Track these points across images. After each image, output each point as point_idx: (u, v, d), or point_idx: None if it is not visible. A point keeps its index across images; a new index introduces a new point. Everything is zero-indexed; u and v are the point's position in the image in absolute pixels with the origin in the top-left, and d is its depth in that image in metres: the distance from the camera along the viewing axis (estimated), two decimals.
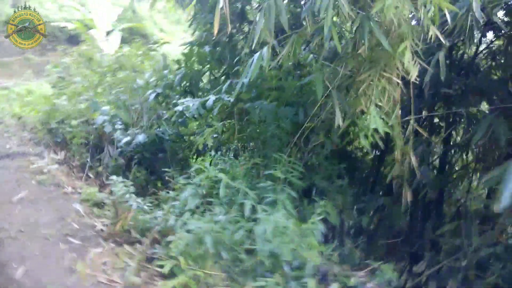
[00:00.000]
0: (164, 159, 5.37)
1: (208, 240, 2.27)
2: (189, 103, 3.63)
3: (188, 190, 2.70)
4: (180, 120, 4.11)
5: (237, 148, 3.83)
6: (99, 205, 3.44)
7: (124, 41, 19.53)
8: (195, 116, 3.63)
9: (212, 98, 3.65)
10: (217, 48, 5.76)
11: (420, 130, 2.80)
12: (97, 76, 7.11)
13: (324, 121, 3.07)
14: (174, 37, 30.27)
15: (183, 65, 5.27)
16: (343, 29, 3.32)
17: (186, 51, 5.61)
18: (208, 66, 5.35)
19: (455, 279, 2.96)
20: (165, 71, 5.20)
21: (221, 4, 2.32)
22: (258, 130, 3.68)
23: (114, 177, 3.24)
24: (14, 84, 13.15)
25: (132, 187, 3.25)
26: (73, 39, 20.47)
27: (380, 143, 2.64)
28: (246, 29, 5.41)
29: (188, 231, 2.40)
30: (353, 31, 2.47)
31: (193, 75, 5.27)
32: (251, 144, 3.94)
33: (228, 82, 4.41)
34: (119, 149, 4.86)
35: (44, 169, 3.86)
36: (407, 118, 2.62)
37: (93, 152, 4.96)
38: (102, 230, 2.89)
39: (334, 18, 2.38)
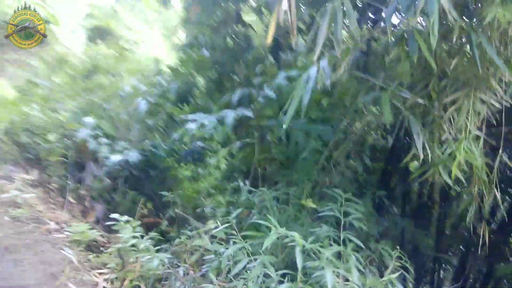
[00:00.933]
0: (155, 178, 4.71)
1: None
2: (203, 120, 3.02)
3: (233, 246, 2.01)
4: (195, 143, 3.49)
5: (256, 173, 3.26)
6: (94, 248, 2.78)
7: (90, 40, 18.42)
8: (212, 135, 3.02)
9: (230, 113, 3.06)
10: (216, 53, 5.18)
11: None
12: (69, 80, 6.31)
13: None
14: (142, 36, 29.16)
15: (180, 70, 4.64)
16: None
17: (165, 53, 5.00)
18: (208, 72, 4.75)
19: None
20: (158, 77, 4.53)
21: (284, 5, 1.76)
22: (284, 152, 3.13)
23: (116, 216, 2.59)
24: None
25: (139, 227, 2.60)
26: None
27: (461, 178, 2.17)
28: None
29: None
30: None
31: (189, 82, 4.65)
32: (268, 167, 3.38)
33: (240, 92, 3.84)
34: (105, 168, 4.16)
35: (17, 198, 3.12)
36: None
37: (72, 171, 4.22)
38: None
39: None
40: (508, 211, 2.74)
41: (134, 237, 2.56)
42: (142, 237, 2.54)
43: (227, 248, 2.00)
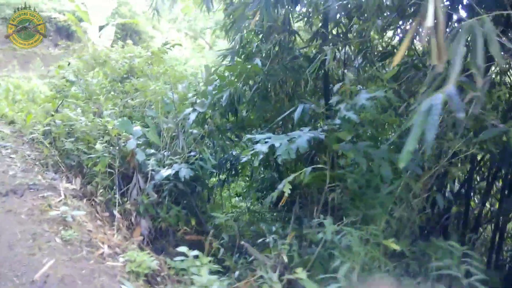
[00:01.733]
0: (200, 193, 4.46)
1: None
2: (275, 141, 2.73)
3: None
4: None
5: (326, 202, 2.95)
6: (150, 277, 2.52)
7: (116, 37, 18.44)
8: (284, 159, 2.72)
9: (305, 135, 2.76)
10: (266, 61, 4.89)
11: None
12: (106, 81, 6.12)
13: None
14: (168, 35, 29.21)
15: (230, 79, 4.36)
16: None
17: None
18: (257, 82, 4.46)
19: None
20: (210, 87, 4.26)
21: (429, 21, 1.45)
22: (359, 181, 2.82)
23: (185, 250, 2.32)
24: None
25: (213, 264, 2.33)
26: (61, 31, 19.19)
27: None
28: None
29: None
30: None
31: (237, 92, 4.36)
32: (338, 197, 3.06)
33: (300, 108, 3.55)
34: (152, 181, 3.92)
35: (66, 214, 2.89)
36: None
37: (120, 184, 3.99)
38: None
39: None
40: None
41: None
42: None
43: None
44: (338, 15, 4.83)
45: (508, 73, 3.31)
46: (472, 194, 3.43)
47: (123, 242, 2.97)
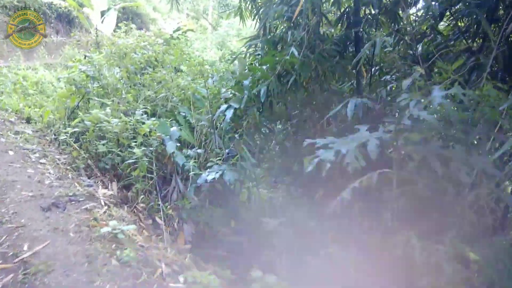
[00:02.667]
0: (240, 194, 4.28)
1: None
2: (341, 147, 2.51)
3: None
4: None
5: (393, 212, 2.76)
6: None
7: (119, 22, 17.99)
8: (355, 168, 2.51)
9: (372, 138, 2.54)
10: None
11: None
12: (125, 74, 5.87)
13: None
14: (169, 17, 28.55)
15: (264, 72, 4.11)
16: None
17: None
18: (298, 77, 4.20)
19: None
20: (246, 81, 4.02)
21: None
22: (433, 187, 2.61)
23: (258, 275, 2.15)
24: (3, 67, 11.61)
25: None
26: (62, 17, 18.74)
27: None
28: None
29: None
30: None
31: (274, 86, 4.11)
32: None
33: (352, 103, 3.32)
34: (193, 185, 3.74)
35: (116, 230, 2.71)
36: None
37: (160, 188, 3.81)
38: None
39: None
40: None
41: None
42: None
43: None
44: None
45: None
46: None
47: (178, 257, 2.81)
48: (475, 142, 2.65)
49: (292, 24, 4.83)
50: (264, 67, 4.18)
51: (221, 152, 3.99)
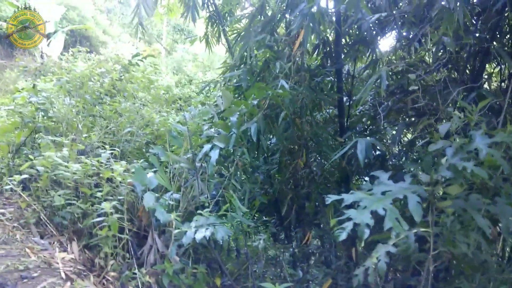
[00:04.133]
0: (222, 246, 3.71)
1: None
2: (375, 206, 2.06)
3: None
4: None
5: (428, 275, 2.34)
6: None
7: (66, 44, 16.96)
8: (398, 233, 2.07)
9: (411, 194, 2.13)
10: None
11: None
12: (81, 105, 5.15)
13: None
14: (119, 41, 27.60)
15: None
16: None
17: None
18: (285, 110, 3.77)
19: None
20: (233, 118, 3.51)
21: None
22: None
23: None
24: None
25: None
26: (2, 38, 17.28)
27: None
28: None
29: None
30: None
31: (261, 123, 3.66)
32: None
33: (361, 143, 2.94)
34: (175, 243, 3.12)
35: None
36: None
37: (134, 251, 3.14)
38: None
39: None
40: None
41: None
42: None
43: None
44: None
45: None
46: None
47: None
48: None
49: (274, 54, 4.46)
50: (250, 101, 3.71)
51: (205, 201, 3.42)
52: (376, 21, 4.01)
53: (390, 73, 4.25)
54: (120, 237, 3.04)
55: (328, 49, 4.85)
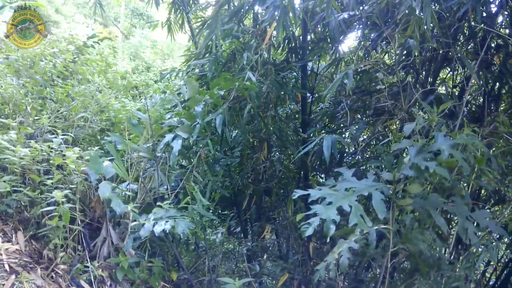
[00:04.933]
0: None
1: None
2: (341, 202, 2.07)
3: None
4: None
5: (385, 271, 2.39)
6: None
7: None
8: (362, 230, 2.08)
9: (375, 191, 2.15)
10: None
11: None
12: (30, 87, 4.81)
13: None
14: (73, 21, 26.21)
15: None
16: None
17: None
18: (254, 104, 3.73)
19: None
20: (198, 108, 3.41)
21: None
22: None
23: None
24: None
25: None
26: None
27: None
28: None
29: None
30: None
31: (226, 115, 3.59)
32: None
33: (327, 140, 2.96)
34: (131, 235, 2.99)
35: None
36: None
37: (87, 243, 2.96)
38: None
39: None
40: None
41: None
42: None
43: None
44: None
45: None
46: None
47: None
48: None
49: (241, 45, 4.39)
50: (216, 92, 3.63)
51: (165, 192, 3.30)
52: (342, 20, 4.05)
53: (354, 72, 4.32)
54: (72, 228, 2.86)
55: (293, 44, 4.85)
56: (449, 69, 4.19)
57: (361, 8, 4.12)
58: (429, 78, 3.89)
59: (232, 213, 4.68)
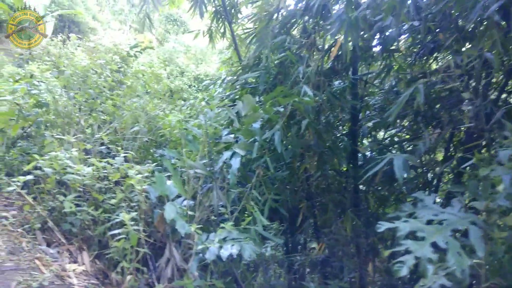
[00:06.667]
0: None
1: None
2: (434, 237, 1.92)
3: None
4: None
5: None
6: None
7: (54, 29, 16.42)
8: None
9: (471, 225, 1.99)
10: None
11: None
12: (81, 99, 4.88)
13: None
14: (109, 28, 26.86)
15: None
16: None
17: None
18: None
19: None
20: (255, 124, 3.33)
21: None
22: None
23: None
24: None
25: None
26: None
27: None
28: None
29: None
30: None
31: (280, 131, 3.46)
32: None
33: (398, 159, 2.80)
34: (195, 257, 2.94)
35: None
36: None
37: (154, 265, 2.94)
38: None
39: None
40: None
41: None
42: None
43: None
44: None
45: None
46: None
47: None
48: None
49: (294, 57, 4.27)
50: (274, 108, 3.54)
51: (224, 211, 3.24)
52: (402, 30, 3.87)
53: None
54: (137, 250, 2.84)
55: (340, 52, 4.70)
56: None
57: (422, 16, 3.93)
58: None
59: (282, 226, 4.58)
